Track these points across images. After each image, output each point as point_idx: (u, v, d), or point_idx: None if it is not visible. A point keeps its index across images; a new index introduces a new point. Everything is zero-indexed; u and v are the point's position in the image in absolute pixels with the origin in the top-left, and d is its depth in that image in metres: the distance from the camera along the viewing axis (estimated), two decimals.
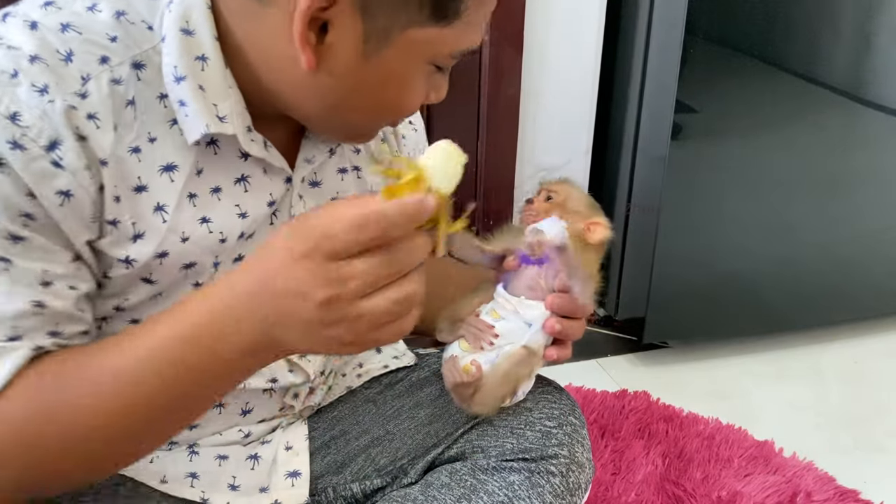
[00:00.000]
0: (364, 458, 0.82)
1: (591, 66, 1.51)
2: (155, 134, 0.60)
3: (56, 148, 0.55)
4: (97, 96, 0.57)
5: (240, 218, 0.66)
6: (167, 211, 0.62)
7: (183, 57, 0.59)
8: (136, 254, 0.61)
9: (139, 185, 0.60)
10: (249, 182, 0.66)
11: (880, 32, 1.47)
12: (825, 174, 1.55)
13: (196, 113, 0.60)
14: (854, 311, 1.74)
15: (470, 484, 0.75)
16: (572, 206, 0.75)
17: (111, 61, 0.58)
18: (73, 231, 0.58)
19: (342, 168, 0.76)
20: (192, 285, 0.66)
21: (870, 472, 1.30)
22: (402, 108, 0.65)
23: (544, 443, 0.77)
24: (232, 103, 0.62)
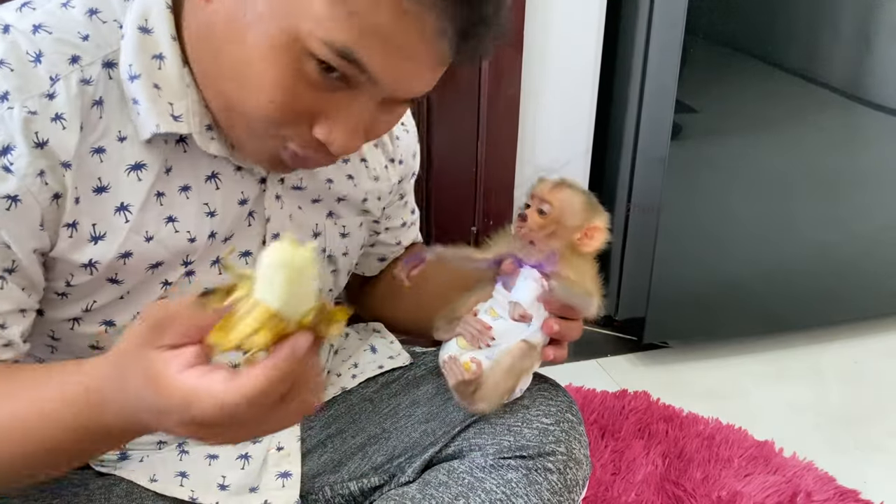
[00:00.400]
0: (361, 457, 0.82)
1: (591, 67, 1.51)
2: (125, 133, 0.60)
3: (7, 153, 0.55)
4: (65, 96, 0.57)
5: (208, 217, 0.66)
6: (131, 210, 0.62)
7: (139, 55, 0.59)
8: (97, 255, 0.61)
9: (100, 185, 0.60)
10: (220, 179, 0.66)
11: (880, 32, 1.47)
12: (825, 174, 1.55)
13: (147, 111, 0.60)
14: (854, 311, 1.74)
15: (467, 482, 0.75)
16: (567, 220, 0.71)
17: (82, 60, 0.58)
18: (17, 238, 0.57)
19: (329, 179, 0.76)
20: (160, 284, 0.65)
21: (870, 472, 1.30)
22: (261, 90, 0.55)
23: (542, 440, 0.76)
24: (189, 102, 0.61)
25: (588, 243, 0.72)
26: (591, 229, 0.72)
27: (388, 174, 0.82)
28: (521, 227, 0.72)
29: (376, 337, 0.90)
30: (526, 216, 0.72)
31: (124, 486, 0.72)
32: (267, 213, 0.70)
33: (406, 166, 0.85)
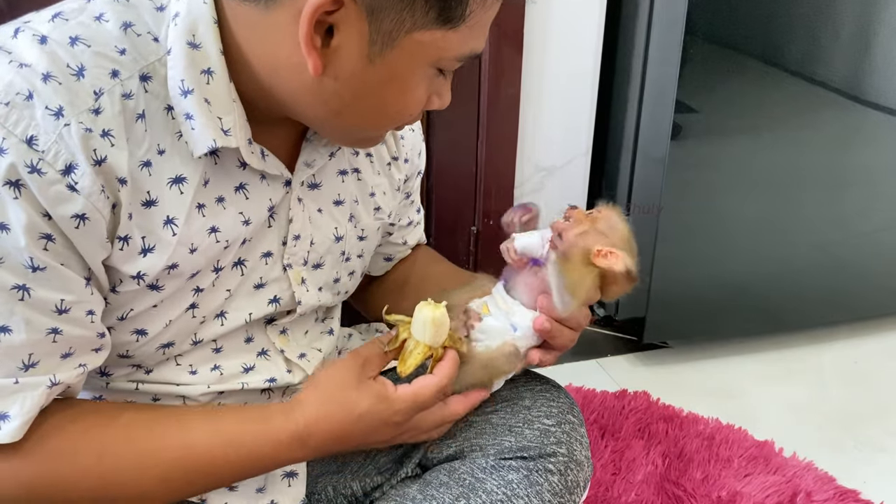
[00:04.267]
0: (364, 457, 0.82)
1: (591, 67, 1.51)
2: (164, 146, 0.60)
3: (72, 172, 0.55)
4: (110, 112, 0.57)
5: (244, 225, 0.67)
6: (177, 224, 0.62)
7: (189, 70, 0.59)
8: (146, 268, 0.62)
9: (148, 199, 0.60)
10: (248, 190, 0.67)
11: (880, 32, 1.47)
12: (825, 174, 1.55)
13: (203, 126, 0.60)
14: (854, 311, 1.74)
15: (468, 482, 0.75)
16: (602, 227, 0.73)
17: (121, 75, 0.58)
18: (89, 252, 0.58)
19: (342, 170, 0.76)
20: (192, 292, 0.66)
21: (870, 472, 1.30)
22: (405, 112, 0.64)
23: (543, 441, 0.77)
24: (235, 116, 0.62)
25: (604, 260, 0.71)
26: (614, 253, 0.71)
27: (392, 171, 0.82)
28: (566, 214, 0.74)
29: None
30: (576, 207, 0.75)
31: None
32: (291, 215, 0.71)
33: (412, 165, 0.85)
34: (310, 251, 0.74)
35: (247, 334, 0.74)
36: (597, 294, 0.75)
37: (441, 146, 1.47)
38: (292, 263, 0.73)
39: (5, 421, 0.57)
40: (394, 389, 0.67)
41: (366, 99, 0.61)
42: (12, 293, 0.55)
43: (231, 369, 0.73)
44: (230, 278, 0.69)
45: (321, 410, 0.65)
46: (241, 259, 0.69)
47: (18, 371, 0.58)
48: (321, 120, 0.64)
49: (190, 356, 0.71)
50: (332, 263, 0.77)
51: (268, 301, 0.72)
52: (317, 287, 0.76)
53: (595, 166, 1.59)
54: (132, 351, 0.66)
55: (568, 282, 0.71)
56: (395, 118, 0.65)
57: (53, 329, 0.58)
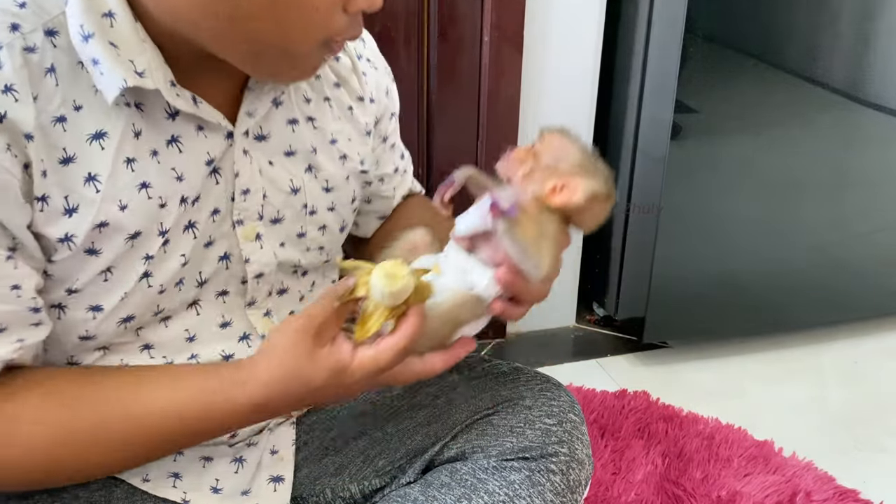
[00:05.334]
0: (362, 460, 0.81)
1: (591, 67, 1.51)
2: (80, 102, 0.58)
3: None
4: (10, 66, 0.55)
5: (178, 181, 0.64)
6: (99, 180, 0.60)
7: (88, 14, 0.57)
8: (72, 229, 0.59)
9: (66, 156, 0.58)
10: (181, 142, 0.64)
11: (880, 32, 1.47)
12: (825, 174, 1.55)
13: (111, 69, 0.57)
14: (854, 311, 1.74)
15: (470, 483, 0.74)
16: (546, 160, 0.65)
17: (22, 28, 0.56)
18: (8, 218, 0.56)
19: (292, 119, 0.72)
20: (141, 260, 0.64)
21: (870, 472, 1.30)
22: (310, 7, 0.57)
23: (544, 441, 0.76)
24: (149, 58, 0.59)
25: (558, 197, 0.64)
26: (568, 184, 0.64)
27: (355, 115, 0.78)
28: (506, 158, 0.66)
29: None
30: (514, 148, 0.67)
31: (125, 488, 0.71)
32: (235, 168, 0.68)
33: (379, 105, 0.81)
34: (264, 205, 0.70)
35: (222, 318, 0.71)
36: (568, 237, 0.67)
37: (441, 146, 1.47)
38: (244, 219, 0.69)
39: None
40: (351, 357, 0.62)
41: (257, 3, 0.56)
42: None
43: (209, 356, 0.71)
44: (182, 242, 0.66)
45: (278, 384, 0.62)
46: (191, 221, 0.66)
47: None
48: (222, 41, 0.59)
49: (163, 346, 0.69)
50: (293, 217, 0.73)
51: (217, 259, 0.69)
52: (277, 243, 0.73)
53: None
54: (92, 330, 0.64)
55: (529, 243, 0.64)
56: (304, 19, 0.58)
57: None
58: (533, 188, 0.64)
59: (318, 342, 0.61)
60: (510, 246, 0.63)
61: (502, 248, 0.64)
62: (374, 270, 0.61)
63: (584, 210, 0.65)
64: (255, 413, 0.64)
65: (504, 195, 0.63)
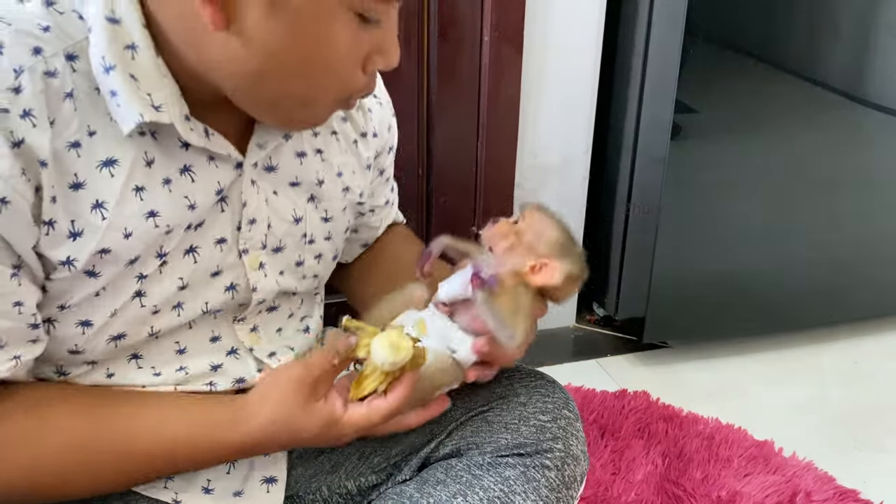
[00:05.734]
0: (358, 457, 0.82)
1: (591, 66, 1.51)
2: (95, 127, 0.58)
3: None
4: (30, 90, 0.55)
5: (189, 210, 0.64)
6: (106, 208, 0.60)
7: (111, 46, 0.57)
8: (74, 253, 0.59)
9: (76, 182, 0.58)
10: (194, 172, 0.64)
11: (880, 32, 1.47)
12: (825, 174, 1.55)
13: (128, 102, 0.58)
14: (854, 311, 1.74)
15: (465, 480, 0.75)
16: (528, 239, 0.70)
17: (45, 52, 0.56)
18: (16, 238, 0.56)
19: (301, 152, 0.73)
20: (135, 278, 0.64)
21: (870, 472, 1.30)
22: (330, 67, 0.59)
23: (539, 437, 0.76)
24: (167, 93, 0.60)
25: (537, 276, 0.69)
26: (547, 265, 0.69)
27: (359, 149, 0.79)
28: (489, 230, 0.72)
29: None
30: (499, 219, 0.72)
31: None
32: (243, 198, 0.68)
33: (381, 139, 0.82)
34: (267, 234, 0.71)
35: (212, 333, 0.72)
36: (543, 308, 0.73)
37: (441, 146, 1.47)
38: (249, 248, 0.70)
39: None
40: (343, 412, 0.66)
41: (280, 55, 0.57)
42: None
43: (197, 368, 0.71)
44: (181, 265, 0.66)
45: (269, 429, 0.66)
46: (192, 246, 0.66)
47: None
48: (244, 92, 0.60)
49: (152, 358, 0.69)
50: (293, 246, 0.75)
51: (224, 288, 0.70)
52: (277, 271, 0.74)
53: (595, 166, 1.59)
54: (81, 345, 0.64)
55: (506, 314, 0.68)
56: (326, 80, 0.60)
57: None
58: (513, 262, 0.69)
59: (314, 395, 0.65)
60: (487, 316, 0.68)
61: (480, 316, 0.69)
62: (377, 337, 0.65)
63: (559, 288, 0.71)
64: (243, 453, 0.68)
65: (485, 266, 0.69)
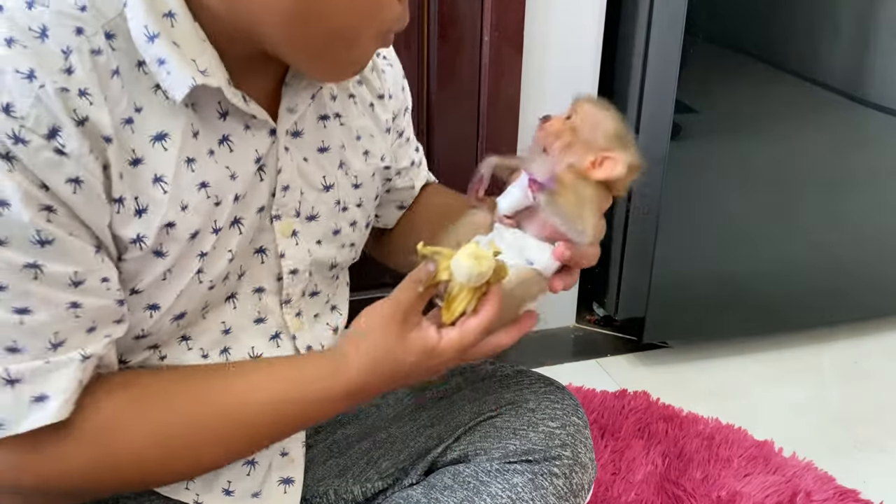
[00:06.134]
0: (366, 462, 0.82)
1: (591, 66, 1.51)
2: (140, 103, 0.58)
3: (56, 135, 0.53)
4: (82, 70, 0.55)
5: (231, 179, 0.65)
6: (166, 181, 0.60)
7: (150, 15, 0.57)
8: (143, 230, 0.60)
9: (135, 157, 0.58)
10: (232, 141, 0.64)
11: (880, 32, 1.47)
12: (825, 174, 1.55)
13: (178, 68, 0.58)
14: (854, 311, 1.74)
15: (473, 486, 0.74)
16: (585, 134, 0.66)
17: (86, 31, 0.56)
18: (92, 217, 0.56)
19: (322, 115, 0.73)
20: (196, 257, 0.64)
21: (870, 472, 1.30)
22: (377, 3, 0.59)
23: (547, 444, 0.76)
24: (209, 57, 0.60)
25: (600, 171, 0.66)
26: (608, 158, 0.66)
27: (376, 112, 0.79)
28: (541, 129, 0.68)
29: None
30: (549, 117, 0.68)
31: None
32: (279, 165, 0.68)
33: (396, 100, 0.82)
34: (301, 201, 0.71)
35: (257, 314, 0.72)
36: (608, 199, 0.69)
37: (441, 146, 1.47)
38: (281, 215, 0.70)
39: (45, 402, 0.56)
40: (438, 339, 0.65)
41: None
42: (25, 272, 0.54)
43: (239, 353, 0.71)
44: (229, 238, 0.66)
45: (369, 369, 0.65)
46: (237, 217, 0.66)
47: (47, 352, 0.56)
48: (289, 38, 0.60)
49: (199, 338, 0.69)
50: (327, 214, 0.74)
51: (253, 251, 0.70)
52: (314, 240, 0.74)
53: None
54: (148, 328, 0.65)
55: (572, 211, 0.66)
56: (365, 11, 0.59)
57: (73, 303, 0.57)
58: (572, 160, 0.66)
59: (406, 326, 0.65)
60: (553, 216, 0.66)
61: (547, 219, 0.67)
62: (457, 254, 0.64)
63: (621, 178, 0.67)
64: (349, 399, 0.66)
65: (540, 169, 0.66)
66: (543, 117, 0.68)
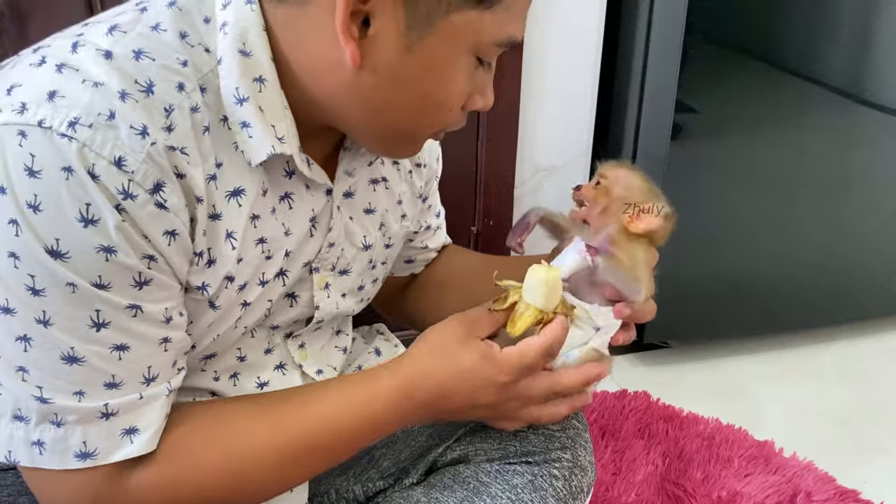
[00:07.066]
0: (367, 461, 0.82)
1: (591, 67, 1.51)
2: (221, 159, 0.59)
3: (160, 190, 0.54)
4: (182, 128, 0.56)
5: (286, 236, 0.66)
6: (236, 237, 0.62)
7: (243, 78, 0.58)
8: (209, 279, 0.61)
9: (214, 212, 0.60)
10: (293, 199, 0.66)
11: (880, 32, 1.47)
12: (825, 174, 1.55)
13: (260, 134, 0.59)
14: (854, 311, 1.74)
15: (473, 486, 0.75)
16: (619, 192, 0.71)
17: (187, 87, 0.57)
18: (179, 267, 0.58)
19: (374, 179, 0.76)
20: (240, 306, 0.66)
21: (870, 472, 1.30)
22: (446, 106, 0.62)
23: (547, 446, 0.77)
24: (287, 124, 0.61)
25: (639, 224, 0.70)
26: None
27: (413, 178, 0.82)
28: (576, 197, 0.72)
29: (380, 340, 0.90)
30: (581, 186, 0.72)
31: None
32: (331, 224, 0.71)
33: (430, 170, 0.85)
34: (339, 257, 0.74)
35: (267, 345, 0.73)
36: (655, 255, 0.73)
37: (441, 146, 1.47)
38: (320, 268, 0.72)
39: (137, 434, 0.58)
40: (499, 350, 0.65)
41: (406, 91, 0.60)
42: (126, 312, 0.56)
43: (246, 384, 0.73)
44: (273, 290, 0.69)
45: (426, 363, 0.66)
46: (283, 269, 0.68)
47: (141, 386, 0.58)
48: (362, 122, 0.63)
49: (217, 364, 0.71)
50: (358, 271, 0.77)
51: (285, 295, 0.72)
52: (340, 293, 0.76)
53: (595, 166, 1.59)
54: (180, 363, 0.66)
55: (628, 270, 0.69)
56: (436, 114, 0.63)
57: (164, 339, 0.59)
58: (612, 220, 0.70)
59: (471, 332, 0.66)
60: (613, 277, 0.70)
61: (607, 280, 0.70)
62: (529, 274, 0.66)
63: (660, 228, 0.72)
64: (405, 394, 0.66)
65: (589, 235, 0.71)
66: (575, 187, 0.73)
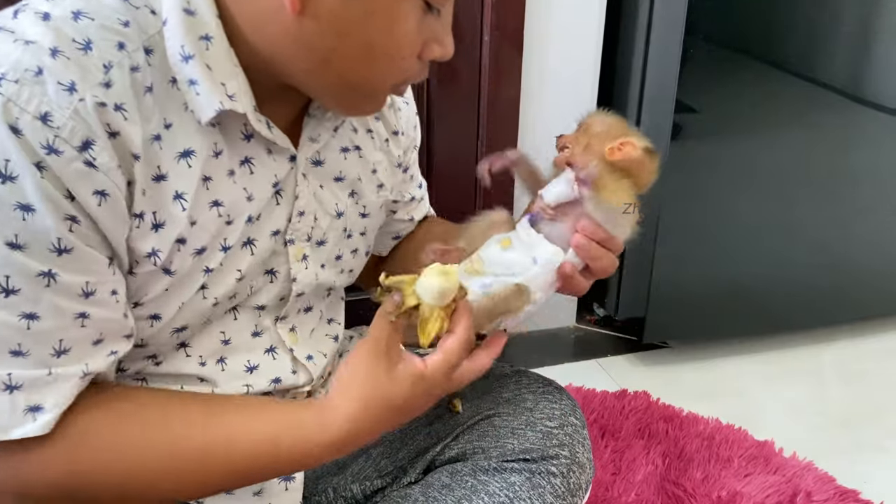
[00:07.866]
0: (364, 459, 0.82)
1: (591, 67, 1.51)
2: (170, 120, 0.60)
3: (89, 148, 0.54)
4: (121, 85, 0.56)
5: (247, 201, 0.66)
6: (186, 198, 0.61)
7: (188, 36, 0.58)
8: (158, 244, 0.61)
9: (159, 174, 0.59)
10: (254, 163, 0.66)
11: (880, 32, 1.47)
12: (825, 174, 1.55)
13: (208, 91, 0.59)
14: (854, 311, 1.74)
15: (471, 485, 0.75)
16: (596, 128, 0.71)
17: (128, 47, 0.57)
18: (112, 230, 0.57)
19: (344, 147, 0.75)
20: (201, 272, 0.65)
21: (870, 472, 1.30)
22: (397, 53, 0.61)
23: (545, 443, 0.77)
24: (239, 82, 0.61)
25: (620, 154, 0.69)
26: (624, 142, 0.70)
27: (390, 147, 0.81)
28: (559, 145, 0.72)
29: None
30: (563, 135, 0.73)
31: None
32: (297, 191, 0.70)
33: (408, 138, 0.84)
34: (314, 227, 0.73)
35: (255, 328, 0.73)
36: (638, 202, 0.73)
37: (441, 146, 1.47)
38: (295, 239, 0.72)
39: (39, 413, 0.57)
40: (424, 365, 0.64)
41: (350, 38, 0.59)
42: (38, 280, 0.55)
43: (235, 366, 0.72)
44: (239, 258, 0.68)
45: (360, 414, 0.63)
46: (250, 238, 0.68)
47: (51, 359, 0.57)
48: (312, 75, 0.62)
49: (199, 346, 0.70)
50: (335, 240, 0.76)
51: (264, 272, 0.71)
52: (318, 264, 0.75)
53: None
54: (147, 338, 0.66)
55: (614, 206, 0.69)
56: (388, 65, 0.62)
57: (81, 313, 0.57)
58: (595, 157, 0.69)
59: (391, 361, 0.64)
60: (597, 210, 0.69)
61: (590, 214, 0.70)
62: (420, 277, 0.65)
63: (641, 167, 0.71)
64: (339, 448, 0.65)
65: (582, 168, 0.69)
66: (558, 136, 0.73)
